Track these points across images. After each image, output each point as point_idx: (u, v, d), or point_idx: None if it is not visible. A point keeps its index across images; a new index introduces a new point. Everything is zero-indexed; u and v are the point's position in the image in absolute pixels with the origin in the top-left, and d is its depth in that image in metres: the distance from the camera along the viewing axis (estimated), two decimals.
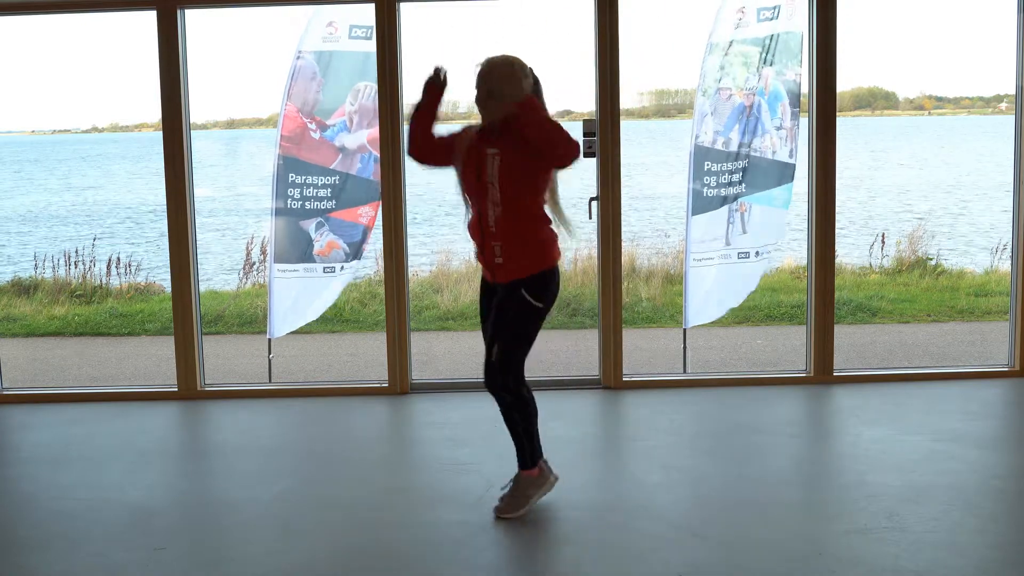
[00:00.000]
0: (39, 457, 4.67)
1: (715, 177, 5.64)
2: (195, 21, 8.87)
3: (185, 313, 5.56)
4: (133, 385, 6.29)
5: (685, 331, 5.92)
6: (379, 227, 5.53)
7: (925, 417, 4.92)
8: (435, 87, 3.70)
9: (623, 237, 5.56)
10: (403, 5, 5.38)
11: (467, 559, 3.40)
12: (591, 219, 5.51)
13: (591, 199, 5.46)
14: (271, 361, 6.18)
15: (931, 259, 11.41)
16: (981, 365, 6.12)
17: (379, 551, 3.49)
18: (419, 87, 3.73)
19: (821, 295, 5.58)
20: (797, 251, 11.55)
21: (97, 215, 23.27)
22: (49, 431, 5.10)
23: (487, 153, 3.56)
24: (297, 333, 6.05)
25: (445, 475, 4.25)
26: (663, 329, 8.75)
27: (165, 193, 5.54)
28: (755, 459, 4.38)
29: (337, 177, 5.66)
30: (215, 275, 13.81)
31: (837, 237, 5.62)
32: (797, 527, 3.60)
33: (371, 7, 5.36)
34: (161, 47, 5.39)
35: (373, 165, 5.61)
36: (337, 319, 9.22)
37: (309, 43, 5.56)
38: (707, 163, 5.63)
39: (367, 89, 5.57)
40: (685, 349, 6.03)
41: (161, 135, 5.46)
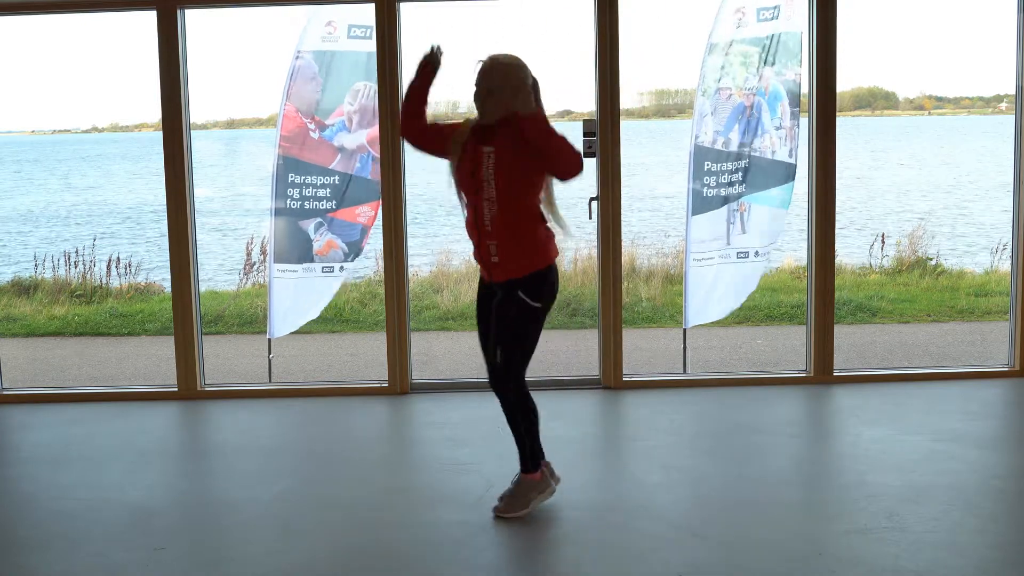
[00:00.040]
0: (39, 457, 4.67)
1: (715, 177, 5.64)
2: (195, 21, 8.87)
3: (185, 313, 5.56)
4: (133, 385, 6.29)
5: (685, 331, 5.92)
6: (379, 227, 5.53)
7: (925, 417, 4.92)
8: (429, 66, 3.70)
9: (623, 237, 5.57)
10: (403, 5, 5.38)
11: (467, 559, 3.40)
12: (591, 219, 5.51)
13: (591, 199, 5.47)
14: (271, 361, 6.18)
15: (931, 259, 11.40)
16: (981, 365, 6.12)
17: (379, 551, 3.49)
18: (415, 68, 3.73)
19: (821, 295, 5.58)
20: (797, 251, 11.55)
21: (97, 215, 23.26)
22: (49, 431, 5.10)
23: (483, 151, 3.55)
24: (297, 333, 6.05)
25: (445, 475, 4.25)
26: (663, 329, 8.75)
27: (165, 193, 5.54)
28: (755, 459, 4.38)
29: (336, 177, 5.66)
30: (216, 275, 13.81)
31: (837, 237, 5.63)
32: (797, 527, 3.60)
33: (371, 7, 5.36)
34: (161, 47, 5.39)
35: (372, 165, 5.61)
36: (337, 319, 9.22)
37: (308, 43, 5.56)
38: (707, 163, 5.63)
39: (366, 89, 5.57)
40: (685, 349, 6.03)
41: (161, 135, 5.46)
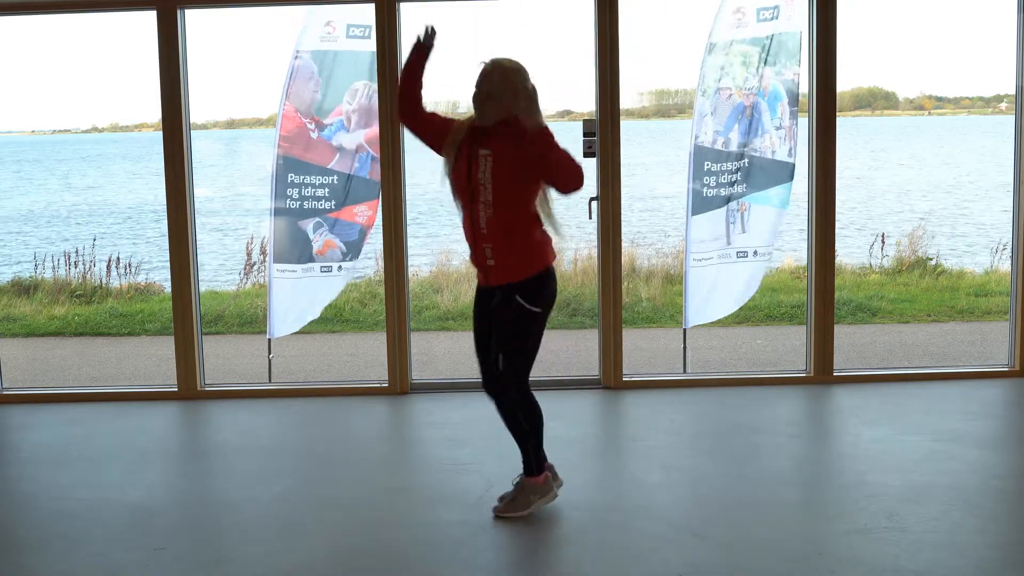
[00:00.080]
0: (39, 457, 4.67)
1: (715, 177, 5.64)
2: (195, 21, 8.86)
3: (185, 313, 5.56)
4: (133, 385, 6.29)
5: (685, 331, 5.92)
6: (379, 227, 5.53)
7: (925, 417, 4.92)
8: (422, 46, 3.70)
9: (623, 237, 5.57)
10: (403, 5, 5.38)
11: (467, 559, 3.40)
12: (591, 219, 5.51)
13: (591, 199, 5.46)
14: (271, 361, 6.18)
15: (931, 259, 11.40)
16: (981, 365, 6.12)
17: (379, 551, 3.49)
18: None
19: (821, 295, 5.58)
20: (797, 251, 11.55)
21: (97, 215, 23.26)
22: (49, 431, 5.10)
23: (480, 154, 3.54)
24: (297, 333, 6.05)
25: (445, 475, 4.25)
26: (663, 329, 8.75)
27: (165, 193, 5.54)
28: (755, 459, 4.38)
29: (335, 177, 5.66)
30: (215, 275, 13.81)
31: (837, 237, 5.63)
32: (797, 527, 3.60)
33: (371, 7, 5.36)
34: (161, 47, 5.39)
35: (371, 164, 5.61)
36: (337, 319, 9.22)
37: (307, 43, 5.56)
38: (707, 163, 5.63)
39: (365, 88, 5.57)
40: (685, 349, 6.03)
41: (161, 135, 5.46)
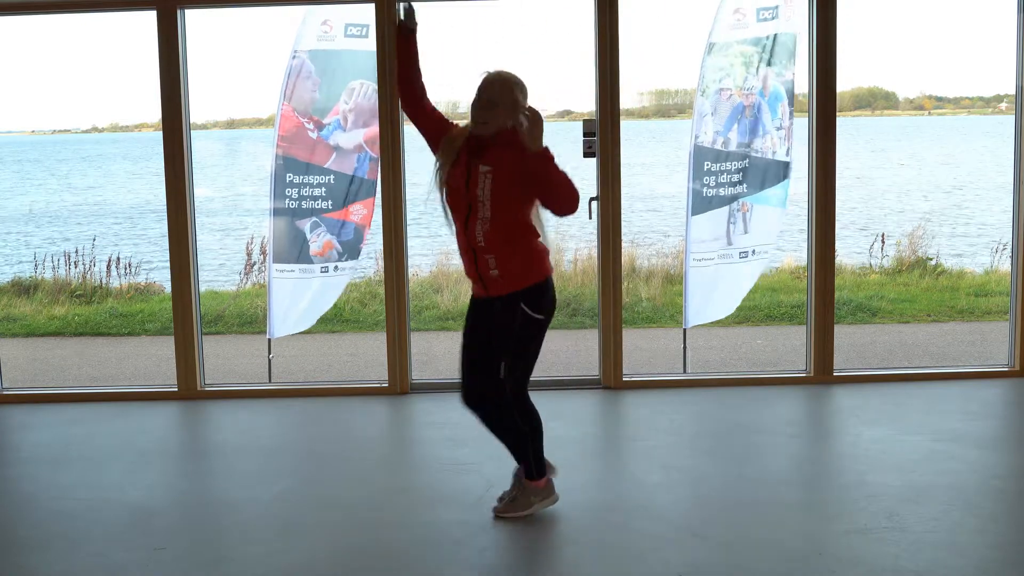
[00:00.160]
0: (39, 457, 4.67)
1: (715, 177, 5.64)
2: (195, 21, 8.86)
3: (185, 313, 5.56)
4: (133, 385, 6.29)
5: (685, 331, 5.92)
6: (379, 227, 5.53)
7: (925, 417, 4.92)
8: (403, 26, 3.70)
9: (623, 237, 5.57)
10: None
11: (467, 559, 3.40)
12: (591, 219, 5.51)
13: (591, 199, 5.46)
14: (271, 361, 6.18)
15: (931, 259, 11.40)
16: (981, 365, 6.12)
17: (379, 551, 3.49)
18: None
19: (821, 295, 5.58)
20: (797, 251, 11.54)
21: (97, 215, 23.26)
22: (49, 431, 5.10)
23: (480, 170, 3.51)
24: (297, 333, 6.05)
25: (445, 475, 4.25)
26: (663, 329, 8.75)
27: (165, 193, 5.54)
28: (755, 459, 4.38)
29: (333, 176, 5.65)
30: (215, 275, 13.81)
31: (837, 237, 5.63)
32: (797, 527, 3.60)
33: (371, 7, 5.35)
34: (161, 47, 5.39)
35: (368, 164, 5.61)
36: (337, 319, 9.22)
37: (305, 42, 5.56)
38: (707, 163, 5.63)
39: (362, 87, 5.56)
40: (685, 349, 6.03)
41: (161, 135, 5.46)
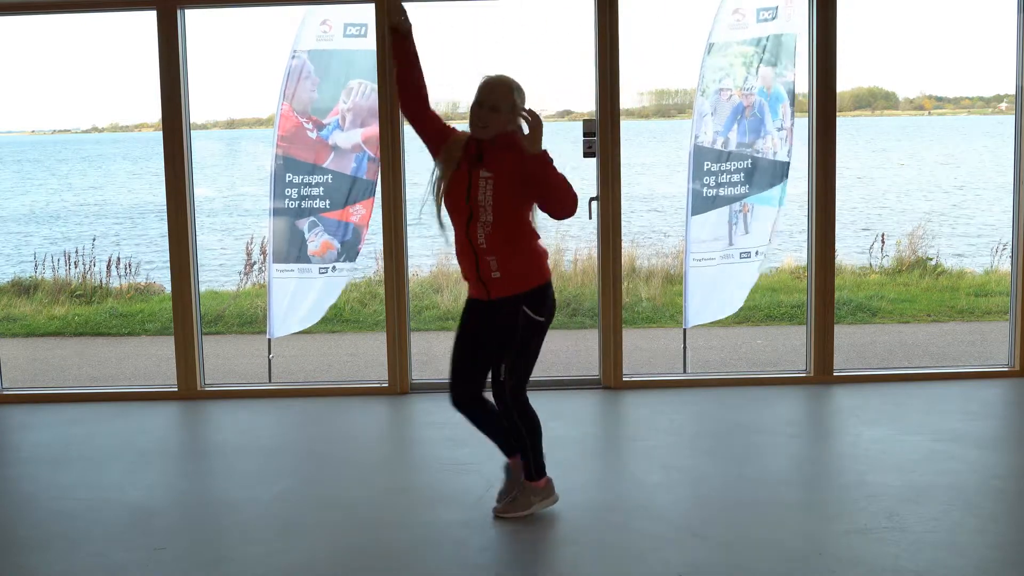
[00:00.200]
0: (39, 457, 4.67)
1: (714, 177, 5.64)
2: (195, 21, 8.86)
3: (185, 313, 5.56)
4: (133, 385, 6.29)
5: (685, 331, 5.92)
6: (379, 227, 5.53)
7: (925, 417, 4.92)
8: (394, 28, 3.69)
9: (623, 237, 5.57)
10: (403, 5, 5.36)
11: (467, 559, 3.40)
12: (591, 219, 5.51)
13: (591, 199, 5.46)
14: (271, 361, 6.18)
15: (931, 259, 11.40)
16: (981, 365, 6.12)
17: (379, 551, 3.49)
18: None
19: (821, 295, 5.58)
20: (797, 251, 11.54)
21: (97, 215, 23.26)
22: (49, 431, 5.10)
23: (480, 176, 3.51)
24: (297, 333, 6.05)
25: (445, 475, 4.25)
26: (663, 329, 8.75)
27: (165, 193, 5.54)
28: (755, 459, 4.38)
29: (331, 176, 5.66)
30: (215, 275, 13.81)
31: (837, 237, 5.62)
32: (797, 527, 3.60)
33: (370, 7, 5.36)
34: (161, 47, 5.39)
35: (367, 164, 5.61)
36: (337, 319, 9.22)
37: (304, 42, 5.56)
38: (706, 163, 5.63)
39: (360, 87, 5.56)
40: (685, 349, 6.03)
41: (161, 135, 5.46)
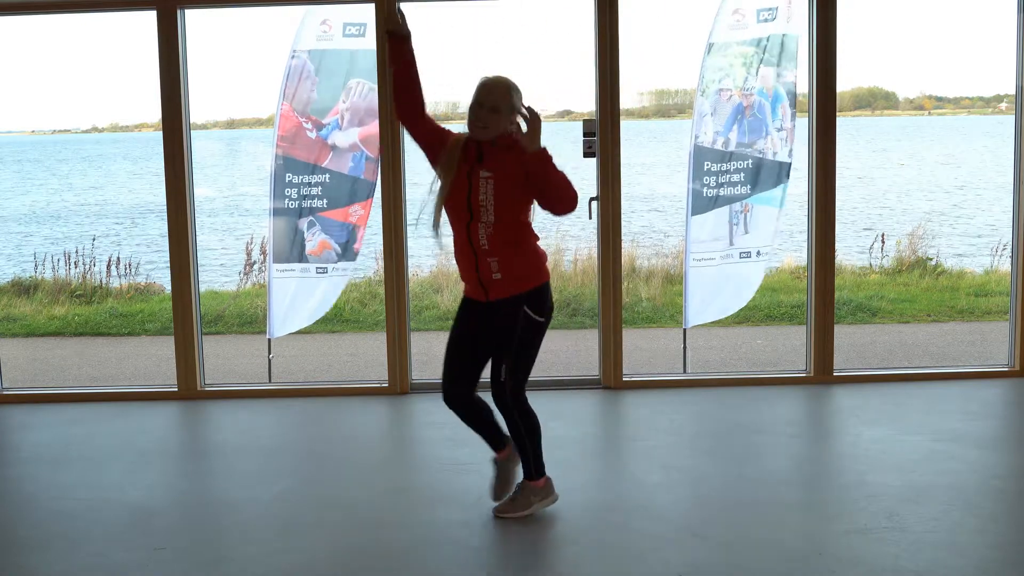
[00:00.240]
0: (39, 457, 4.67)
1: (715, 177, 5.64)
2: (195, 21, 8.86)
3: (185, 313, 5.56)
4: (133, 385, 6.29)
5: (685, 331, 5.92)
6: (379, 227, 5.53)
7: (925, 417, 4.92)
8: (391, 33, 3.66)
9: (623, 237, 5.57)
10: (404, 5, 5.37)
11: (467, 559, 3.40)
12: (591, 219, 5.51)
13: (591, 199, 5.46)
14: (271, 361, 6.18)
15: (931, 259, 11.40)
16: (981, 365, 6.12)
17: (379, 551, 3.49)
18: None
19: (821, 295, 5.58)
20: (797, 251, 11.54)
21: (97, 215, 23.26)
22: (49, 431, 5.10)
23: (480, 176, 3.51)
24: (297, 333, 6.06)
25: (445, 475, 4.25)
26: (663, 329, 8.75)
27: (165, 193, 5.54)
28: (755, 459, 4.38)
29: (329, 176, 5.66)
30: (215, 275, 13.80)
31: (837, 237, 5.62)
32: (797, 527, 3.60)
33: (370, 7, 5.36)
34: (161, 47, 5.39)
35: (365, 163, 5.61)
36: (337, 319, 9.22)
37: (303, 42, 5.56)
38: (707, 163, 5.63)
39: (359, 86, 5.56)
40: (685, 349, 6.03)
41: (161, 135, 5.46)
